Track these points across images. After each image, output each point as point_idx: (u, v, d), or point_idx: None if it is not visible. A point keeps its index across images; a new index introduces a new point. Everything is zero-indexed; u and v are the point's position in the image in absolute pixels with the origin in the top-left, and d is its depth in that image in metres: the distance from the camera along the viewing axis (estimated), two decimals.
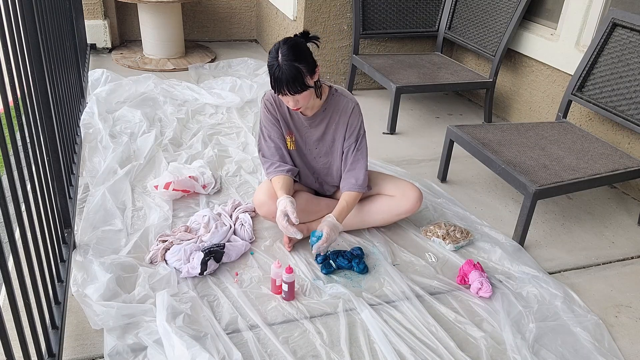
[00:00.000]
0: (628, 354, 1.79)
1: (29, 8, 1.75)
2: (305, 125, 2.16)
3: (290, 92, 1.88)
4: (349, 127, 2.13)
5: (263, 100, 2.15)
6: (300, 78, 1.86)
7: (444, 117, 3.73)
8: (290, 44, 1.88)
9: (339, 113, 2.13)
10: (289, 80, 1.85)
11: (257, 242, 2.22)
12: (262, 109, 2.16)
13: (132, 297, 1.81)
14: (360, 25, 3.75)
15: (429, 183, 2.76)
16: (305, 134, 2.18)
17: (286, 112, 2.14)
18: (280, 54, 1.85)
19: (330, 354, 1.68)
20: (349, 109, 2.11)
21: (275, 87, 1.89)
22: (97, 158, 2.73)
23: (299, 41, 1.92)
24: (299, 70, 1.85)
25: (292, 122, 2.16)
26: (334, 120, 2.14)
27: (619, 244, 2.42)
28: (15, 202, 1.31)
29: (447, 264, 2.18)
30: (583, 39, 3.02)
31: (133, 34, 4.85)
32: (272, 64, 1.86)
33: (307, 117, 2.13)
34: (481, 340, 1.77)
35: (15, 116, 1.45)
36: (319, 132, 2.17)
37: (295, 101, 1.93)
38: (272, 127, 2.15)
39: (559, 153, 2.47)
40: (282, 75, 1.84)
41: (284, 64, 1.84)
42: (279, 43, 1.89)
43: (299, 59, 1.86)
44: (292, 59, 1.85)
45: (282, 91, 1.89)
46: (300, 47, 1.90)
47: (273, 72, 1.85)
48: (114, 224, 2.21)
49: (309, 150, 2.22)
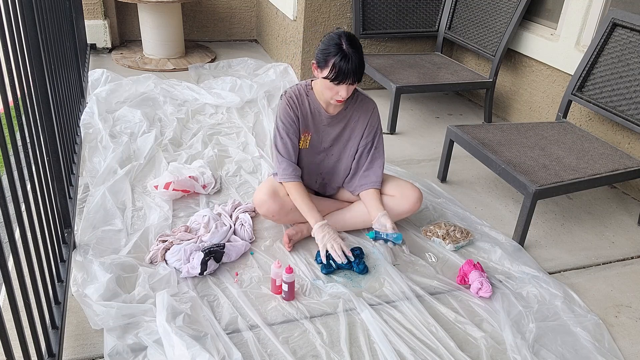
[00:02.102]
0: (628, 354, 1.79)
1: (29, 8, 1.75)
2: (324, 124, 2.17)
3: (356, 81, 1.95)
4: (368, 127, 2.18)
5: (285, 97, 2.13)
6: (363, 67, 1.95)
7: (444, 117, 3.73)
8: (351, 35, 1.96)
9: (359, 112, 2.17)
10: (356, 69, 1.91)
11: (257, 242, 2.22)
12: (283, 106, 2.12)
13: (132, 297, 1.81)
14: (360, 25, 3.75)
15: (429, 183, 2.76)
16: (323, 132, 2.19)
17: (307, 109, 2.14)
18: (344, 43, 1.91)
19: (330, 354, 1.68)
20: (370, 108, 2.18)
21: (341, 75, 1.91)
22: (97, 158, 2.73)
23: (354, 34, 2.01)
24: (363, 60, 1.94)
25: (311, 120, 2.16)
26: (354, 119, 2.18)
27: (619, 244, 2.42)
28: (15, 202, 1.31)
29: (447, 264, 2.18)
30: (583, 39, 3.02)
31: (133, 34, 4.85)
32: (336, 51, 1.90)
33: (328, 115, 2.14)
34: (481, 340, 1.77)
35: (15, 116, 1.45)
36: (337, 131, 2.19)
37: (347, 91, 1.98)
38: (291, 125, 2.13)
39: (559, 153, 2.47)
40: (351, 63, 1.89)
41: (351, 51, 1.90)
42: (339, 34, 1.95)
43: (361, 50, 1.95)
44: (356, 49, 1.93)
45: (347, 80, 1.93)
46: (358, 40, 1.98)
47: (339, 60, 1.89)
48: (114, 224, 2.21)
49: (323, 149, 2.23)
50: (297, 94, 2.13)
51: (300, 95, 2.13)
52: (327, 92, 2.01)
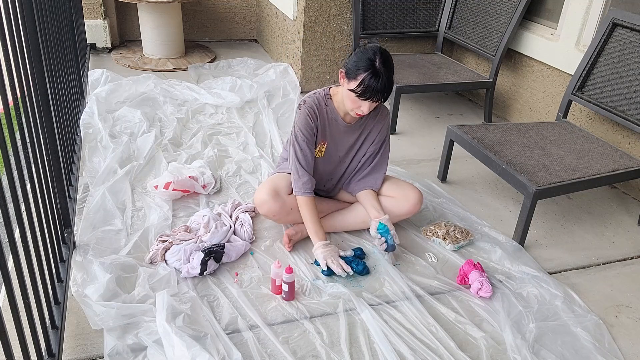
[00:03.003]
0: (628, 354, 1.79)
1: (29, 8, 1.74)
2: (342, 132, 2.16)
3: (383, 100, 1.96)
4: (380, 132, 2.20)
5: (305, 108, 2.08)
6: (392, 88, 1.96)
7: (444, 117, 3.73)
8: (386, 53, 1.95)
9: (375, 120, 2.18)
10: (385, 89, 1.91)
11: (257, 242, 2.22)
12: (303, 117, 2.08)
13: (132, 297, 1.81)
14: (360, 25, 3.75)
15: (429, 183, 2.76)
16: (339, 141, 2.19)
17: (325, 119, 2.13)
18: (377, 60, 1.90)
19: (330, 354, 1.68)
20: (384, 115, 2.20)
21: (368, 93, 1.90)
22: (97, 158, 2.73)
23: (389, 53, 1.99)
24: (392, 82, 1.94)
25: (328, 130, 2.15)
26: (370, 126, 2.19)
27: (619, 244, 2.42)
28: (15, 202, 1.31)
29: (447, 264, 2.17)
30: (583, 39, 3.02)
31: (133, 34, 4.85)
32: (368, 66, 1.89)
33: (345, 124, 2.15)
34: (481, 341, 1.77)
35: (15, 116, 1.45)
36: (353, 138, 2.20)
37: (370, 108, 1.98)
38: (310, 136, 2.10)
39: (559, 153, 2.47)
40: (380, 82, 1.89)
41: (384, 70, 1.90)
42: (374, 50, 1.94)
43: (392, 71, 1.95)
44: (389, 68, 1.93)
45: (373, 98, 1.92)
46: (392, 59, 1.97)
47: (370, 77, 1.88)
48: (114, 224, 2.21)
49: (338, 157, 2.22)
50: (317, 103, 2.11)
51: (319, 104, 2.11)
52: (349, 104, 1.99)
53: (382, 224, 2.08)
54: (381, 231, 2.07)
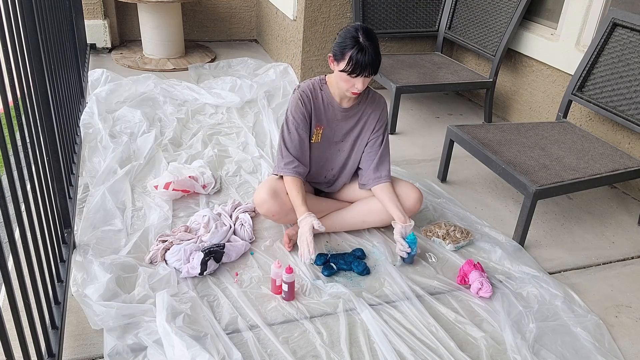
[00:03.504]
0: (628, 354, 1.79)
1: (29, 8, 1.74)
2: (338, 118, 2.17)
3: (372, 73, 1.96)
4: (379, 121, 2.21)
5: (298, 92, 2.13)
6: (380, 61, 1.97)
7: (444, 117, 3.73)
8: (368, 28, 1.97)
9: (372, 107, 2.20)
10: (373, 61, 1.93)
11: (257, 242, 2.22)
12: (295, 101, 2.13)
13: (132, 297, 1.81)
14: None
15: (429, 183, 2.76)
16: (335, 126, 2.19)
17: (321, 103, 2.15)
18: (361, 36, 1.92)
19: (330, 354, 1.68)
20: (382, 103, 2.21)
21: (358, 68, 1.92)
22: (97, 158, 2.73)
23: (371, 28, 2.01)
24: (379, 53, 1.96)
25: (324, 114, 2.16)
26: (367, 113, 2.19)
27: (619, 244, 2.42)
28: (15, 202, 1.31)
29: (447, 264, 2.17)
30: (583, 39, 3.02)
31: (133, 34, 4.85)
32: (353, 44, 1.91)
33: (342, 109, 2.15)
34: (481, 341, 1.77)
35: (15, 116, 1.45)
36: (350, 125, 2.20)
37: (363, 84, 1.99)
38: (301, 120, 2.13)
39: (559, 153, 2.47)
40: (367, 56, 1.91)
41: (368, 44, 1.92)
42: (355, 27, 1.96)
43: (377, 43, 1.96)
44: (373, 41, 1.94)
45: (364, 72, 1.94)
46: (375, 34, 1.99)
47: (356, 53, 1.91)
48: (114, 224, 2.21)
49: (334, 143, 2.23)
50: (311, 87, 2.14)
51: (314, 89, 2.14)
52: (342, 85, 2.02)
53: (413, 235, 2.08)
54: (410, 241, 2.07)
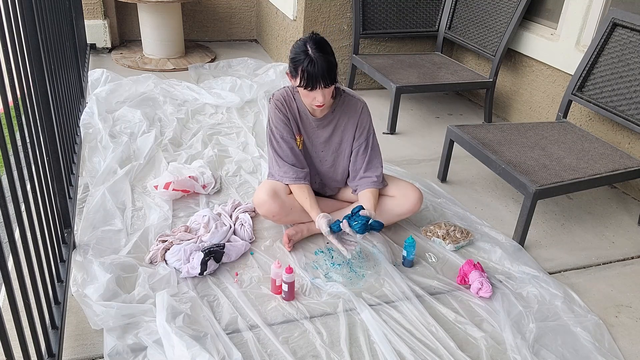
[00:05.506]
0: (628, 354, 1.79)
1: (29, 8, 1.74)
2: (313, 127, 2.16)
3: (326, 84, 1.91)
4: (358, 127, 2.16)
5: (273, 101, 2.12)
6: (334, 70, 1.91)
7: (444, 117, 3.73)
8: (317, 38, 1.93)
9: (348, 114, 2.15)
10: (324, 73, 1.88)
11: (257, 242, 2.22)
12: (272, 110, 2.12)
13: (132, 297, 1.81)
14: (360, 25, 3.75)
15: (429, 183, 2.76)
16: (312, 136, 2.18)
17: (296, 112, 2.14)
18: (309, 48, 1.89)
19: (330, 354, 1.68)
20: (358, 108, 2.15)
21: (311, 81, 1.89)
22: (97, 158, 2.73)
23: (321, 37, 1.97)
24: (332, 62, 1.90)
25: (301, 123, 2.16)
26: (343, 121, 2.16)
27: (619, 244, 2.42)
28: (15, 202, 1.31)
29: (447, 264, 2.17)
30: (583, 39, 3.02)
31: (133, 34, 4.85)
32: (303, 58, 1.88)
33: (315, 118, 2.14)
34: (481, 341, 1.77)
35: (15, 116, 1.45)
36: (327, 134, 2.18)
37: (324, 96, 1.95)
38: (284, 127, 2.12)
39: (559, 153, 2.47)
40: (318, 68, 1.87)
41: (317, 56, 1.88)
42: (304, 39, 1.93)
43: (329, 52, 1.92)
44: (323, 51, 1.90)
45: (318, 85, 1.90)
46: (326, 42, 1.95)
47: (307, 66, 1.87)
48: (114, 224, 2.21)
49: (315, 152, 2.22)
50: (285, 96, 2.13)
51: (288, 97, 2.13)
52: (305, 100, 2.01)
53: (412, 239, 2.07)
54: (408, 245, 2.06)
